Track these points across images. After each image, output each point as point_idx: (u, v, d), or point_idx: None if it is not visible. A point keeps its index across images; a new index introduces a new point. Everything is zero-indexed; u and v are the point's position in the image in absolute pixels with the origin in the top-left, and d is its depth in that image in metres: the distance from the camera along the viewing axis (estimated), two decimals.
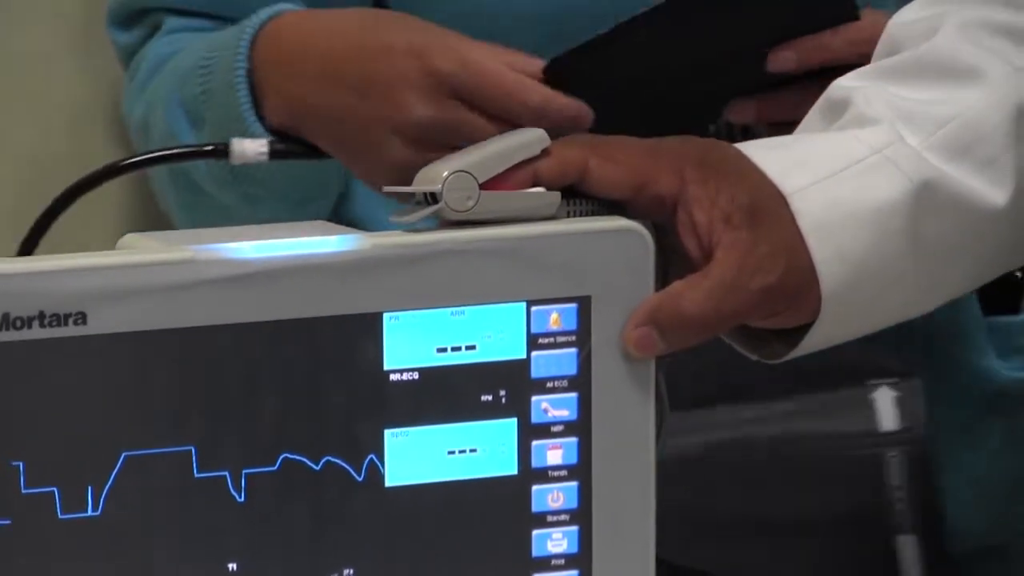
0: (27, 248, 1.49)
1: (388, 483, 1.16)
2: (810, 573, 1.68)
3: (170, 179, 1.77)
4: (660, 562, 1.30)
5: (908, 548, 1.65)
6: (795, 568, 1.67)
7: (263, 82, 1.65)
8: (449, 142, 1.51)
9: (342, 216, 1.74)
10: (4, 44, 2.16)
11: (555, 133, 1.31)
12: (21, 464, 1.11)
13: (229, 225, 1.42)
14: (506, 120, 1.54)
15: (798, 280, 1.23)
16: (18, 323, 1.08)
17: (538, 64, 1.60)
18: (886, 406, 1.68)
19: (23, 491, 1.11)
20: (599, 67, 1.63)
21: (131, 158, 1.58)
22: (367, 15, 1.69)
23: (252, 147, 1.49)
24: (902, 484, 1.66)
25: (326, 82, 1.63)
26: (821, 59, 1.57)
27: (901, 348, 1.66)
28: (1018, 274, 1.75)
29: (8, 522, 1.09)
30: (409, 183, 1.38)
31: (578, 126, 1.57)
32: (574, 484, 1.19)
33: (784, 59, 1.58)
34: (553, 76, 1.59)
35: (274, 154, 1.53)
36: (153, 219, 1.97)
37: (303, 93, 1.63)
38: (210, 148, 1.52)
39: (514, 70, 1.58)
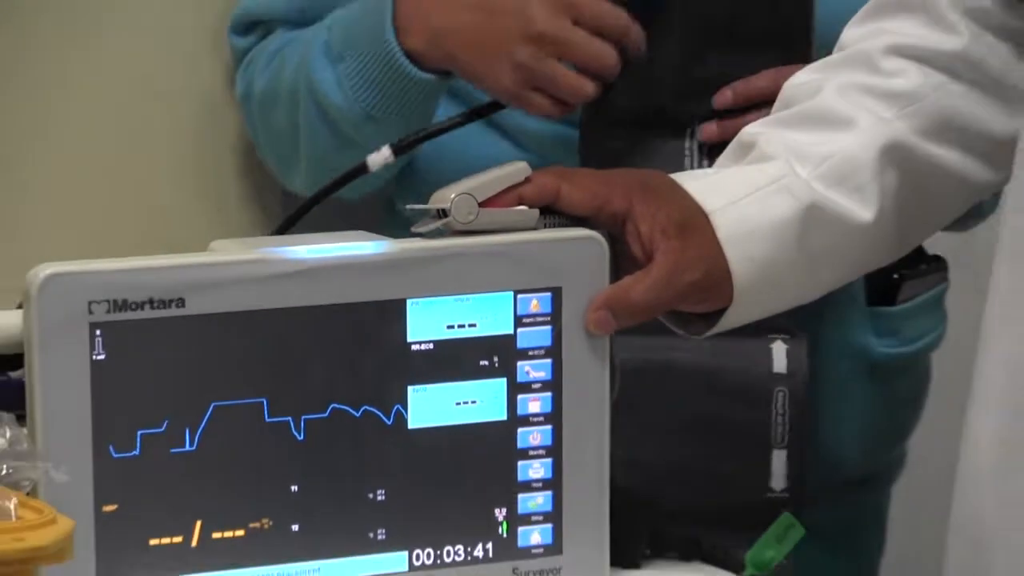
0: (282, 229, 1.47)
1: (410, 426, 1.24)
2: (710, 465, 1.67)
3: (286, 129, 1.75)
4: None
5: (778, 460, 1.65)
6: (701, 462, 1.67)
7: (406, 18, 1.65)
8: (559, 52, 1.57)
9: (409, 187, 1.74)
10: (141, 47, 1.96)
11: (538, 166, 1.35)
12: (141, 412, 1.19)
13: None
14: (603, 36, 1.57)
15: (716, 277, 1.29)
16: (133, 306, 1.15)
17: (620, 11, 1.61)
18: (779, 354, 1.67)
19: (140, 432, 1.18)
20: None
21: (342, 177, 1.45)
22: None
23: (379, 158, 1.43)
24: (783, 412, 1.66)
25: (468, 8, 1.63)
26: (753, 96, 1.58)
27: (800, 322, 1.67)
28: (895, 276, 1.75)
29: (136, 454, 1.17)
30: (526, 86, 1.57)
31: (635, 48, 1.59)
32: (549, 427, 1.26)
33: (723, 97, 1.59)
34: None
35: (397, 151, 1.47)
36: (235, 228, 1.91)
37: (447, 20, 1.64)
38: (359, 166, 1.44)
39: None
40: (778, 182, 1.33)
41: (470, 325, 1.26)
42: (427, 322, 1.25)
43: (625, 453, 1.50)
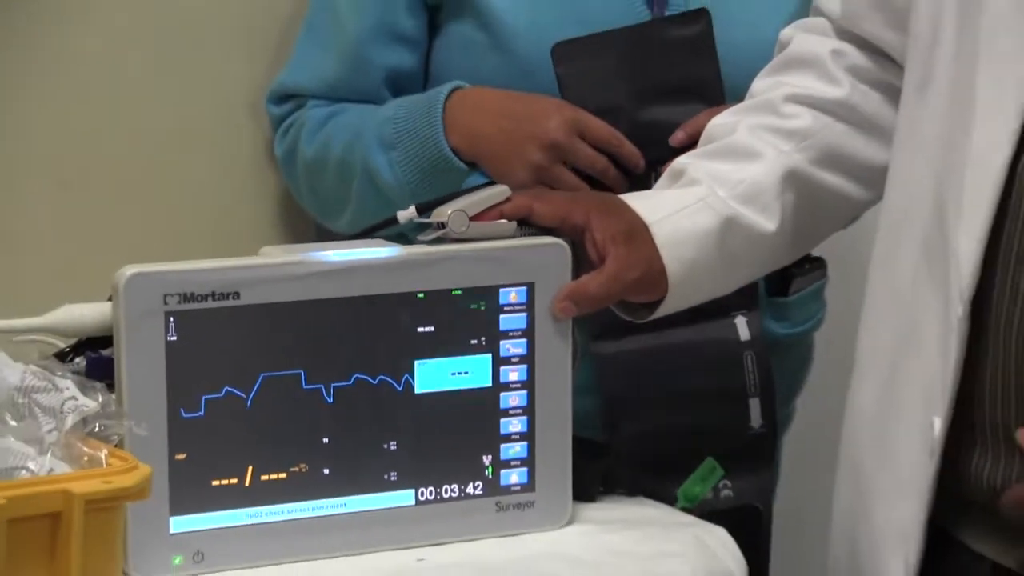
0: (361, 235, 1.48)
1: (416, 391, 1.30)
2: (703, 419, 1.66)
3: (341, 175, 1.72)
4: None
5: (754, 406, 1.67)
6: (697, 418, 1.66)
7: (452, 119, 1.65)
8: (566, 159, 1.60)
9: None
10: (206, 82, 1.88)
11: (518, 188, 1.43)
12: (205, 381, 1.24)
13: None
14: (603, 151, 1.59)
15: (654, 275, 1.36)
16: (198, 298, 1.21)
17: (621, 138, 1.61)
18: (742, 327, 1.69)
19: (204, 397, 1.23)
20: (590, 55, 1.62)
21: (377, 224, 1.48)
22: (515, 92, 1.68)
23: (406, 215, 1.44)
24: (752, 370, 1.69)
25: (499, 116, 1.64)
26: (697, 134, 1.54)
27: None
28: (788, 273, 1.75)
29: (201, 415, 1.23)
30: (536, 183, 1.56)
31: (632, 164, 1.60)
32: (525, 392, 1.33)
33: (678, 137, 1.58)
34: (559, 53, 1.61)
35: (421, 211, 1.47)
36: (280, 236, 1.90)
37: (481, 124, 1.65)
38: (391, 219, 1.46)
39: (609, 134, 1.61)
40: (702, 200, 1.40)
41: (466, 313, 1.32)
42: (431, 310, 1.31)
43: (640, 420, 1.61)
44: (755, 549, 1.64)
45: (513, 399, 1.33)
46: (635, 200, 1.40)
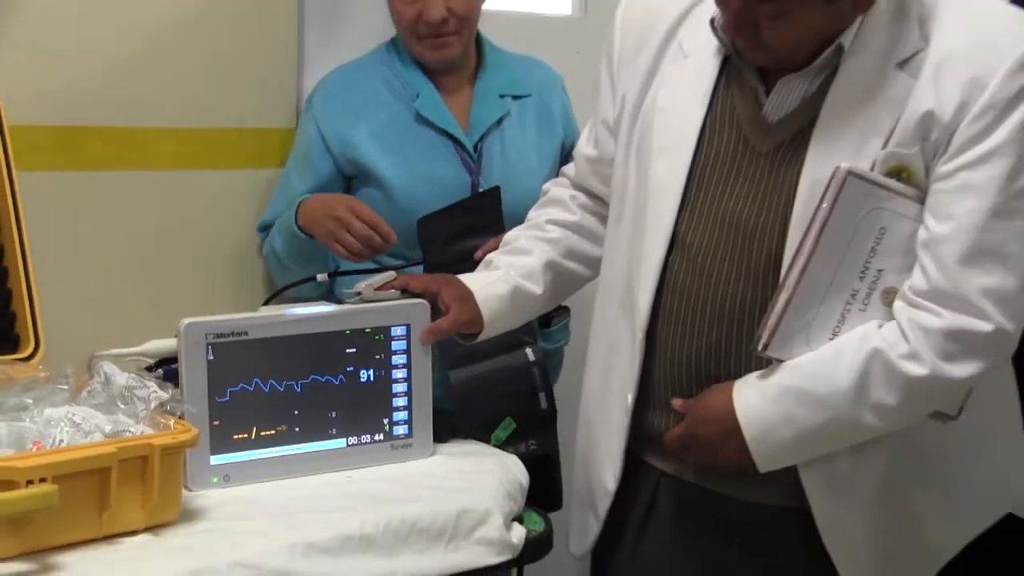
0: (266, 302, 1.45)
1: (347, 384, 1.32)
2: (514, 405, 1.64)
3: (281, 264, 1.70)
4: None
5: (542, 398, 1.67)
6: (512, 404, 1.63)
7: (300, 213, 1.65)
8: (346, 227, 1.57)
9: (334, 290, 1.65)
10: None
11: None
12: (228, 381, 1.27)
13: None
14: (371, 225, 1.57)
15: (476, 319, 1.39)
16: (224, 335, 1.26)
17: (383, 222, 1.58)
18: (530, 353, 1.67)
19: (229, 389, 1.27)
20: (443, 225, 1.63)
21: (289, 285, 1.54)
22: (326, 195, 1.66)
23: (321, 276, 1.51)
24: (538, 377, 1.67)
25: (318, 206, 1.63)
26: (494, 246, 1.50)
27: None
28: (548, 314, 1.72)
29: (227, 400, 1.27)
30: (331, 240, 1.55)
31: (388, 239, 1.57)
32: (406, 385, 1.37)
33: (478, 254, 1.54)
34: (421, 225, 1.62)
35: (330, 275, 1.54)
36: (264, 288, 1.83)
37: (310, 212, 1.64)
38: (306, 279, 1.51)
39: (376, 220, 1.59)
40: (502, 278, 1.42)
41: (373, 343, 1.34)
42: (353, 340, 1.33)
43: (475, 406, 1.61)
44: (551, 477, 1.68)
45: (399, 387, 1.36)
46: (465, 278, 1.41)
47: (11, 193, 1.39)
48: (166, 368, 1.32)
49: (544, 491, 1.54)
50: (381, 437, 1.36)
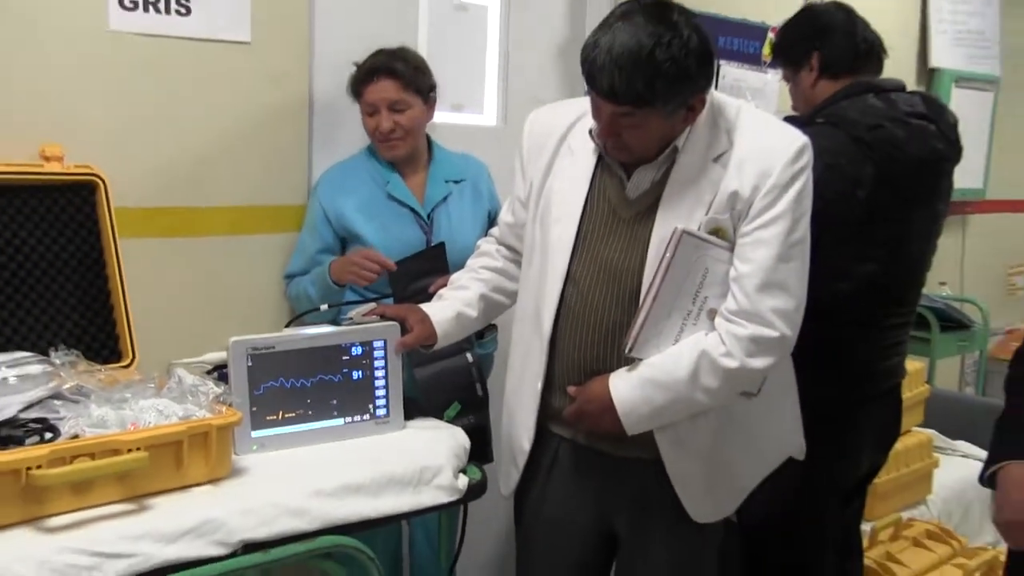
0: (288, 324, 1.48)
1: (344, 381, 1.37)
2: (464, 395, 1.58)
3: (312, 302, 1.66)
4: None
5: (478, 387, 1.63)
6: (460, 393, 1.57)
7: (331, 272, 1.64)
8: (356, 264, 1.55)
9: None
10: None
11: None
12: (263, 378, 1.30)
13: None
14: (376, 262, 1.56)
15: (432, 334, 1.39)
16: (261, 348, 1.30)
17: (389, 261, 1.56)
18: (469, 356, 1.63)
19: (263, 385, 1.31)
20: (407, 270, 1.60)
21: (305, 312, 1.56)
22: (340, 257, 1.62)
23: (324, 306, 1.53)
24: (475, 373, 1.63)
25: (341, 264, 1.62)
26: (444, 283, 1.47)
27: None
28: (484, 329, 1.70)
29: (262, 392, 1.30)
30: (345, 277, 1.52)
31: (387, 267, 1.54)
32: (384, 380, 1.40)
33: (430, 289, 1.50)
34: (398, 266, 1.61)
35: (330, 306, 1.55)
36: (283, 314, 1.78)
37: (338, 270, 1.62)
38: (321, 309, 1.53)
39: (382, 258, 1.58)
40: (450, 306, 1.43)
41: (356, 356, 1.36)
42: (347, 350, 1.37)
43: (432, 396, 1.56)
44: (485, 441, 1.64)
45: (379, 382, 1.41)
46: (424, 306, 1.43)
47: (115, 254, 1.49)
48: (220, 371, 1.39)
49: (480, 451, 1.56)
50: (367, 417, 1.40)
